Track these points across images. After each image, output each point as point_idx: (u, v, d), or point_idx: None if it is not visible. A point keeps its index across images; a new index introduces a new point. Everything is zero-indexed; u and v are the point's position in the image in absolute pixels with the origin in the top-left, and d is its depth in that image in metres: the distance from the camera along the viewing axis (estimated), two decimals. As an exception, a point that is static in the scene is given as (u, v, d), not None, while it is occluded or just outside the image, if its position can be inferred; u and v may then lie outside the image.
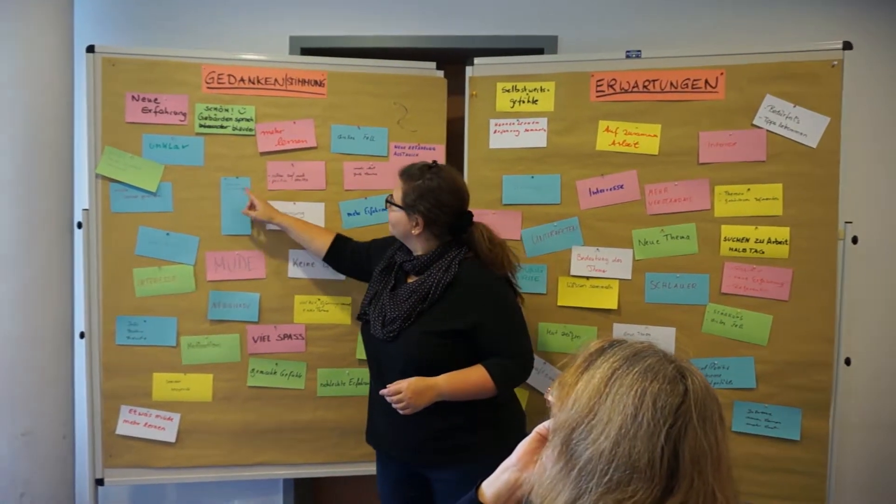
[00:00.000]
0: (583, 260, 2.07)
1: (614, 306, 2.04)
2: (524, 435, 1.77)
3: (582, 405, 0.80)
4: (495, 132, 2.11)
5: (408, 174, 1.73)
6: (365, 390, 2.11)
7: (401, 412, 1.59)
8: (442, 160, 2.14)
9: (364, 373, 2.12)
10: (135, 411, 2.10)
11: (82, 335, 2.07)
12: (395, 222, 1.73)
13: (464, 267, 1.68)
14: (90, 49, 2.03)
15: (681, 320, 2.01)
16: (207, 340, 2.11)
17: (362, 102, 2.14)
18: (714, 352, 1.98)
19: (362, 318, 1.81)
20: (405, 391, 1.57)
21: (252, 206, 2.04)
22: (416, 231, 1.69)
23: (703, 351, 1.98)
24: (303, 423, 2.17)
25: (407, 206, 1.69)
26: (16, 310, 1.98)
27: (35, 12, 1.98)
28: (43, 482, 2.04)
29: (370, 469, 2.17)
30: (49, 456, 2.04)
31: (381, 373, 1.76)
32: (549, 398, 0.89)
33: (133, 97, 2.04)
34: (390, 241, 1.88)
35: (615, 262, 2.06)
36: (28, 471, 2.01)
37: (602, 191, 2.07)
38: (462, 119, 2.16)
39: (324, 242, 2.00)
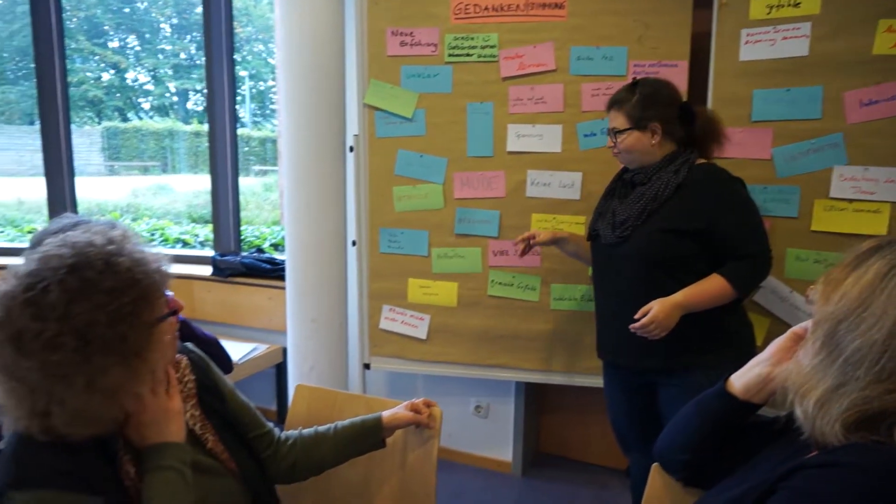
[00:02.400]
0: (846, 181, 1.88)
1: (883, 232, 1.84)
2: (755, 351, 1.75)
3: (851, 299, 0.80)
4: (747, 43, 1.97)
5: (619, 99, 1.75)
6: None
7: (654, 338, 1.63)
8: (685, 77, 2.07)
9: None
10: (394, 310, 2.46)
11: (354, 243, 2.45)
12: (632, 147, 1.74)
13: (693, 170, 1.69)
14: (358, -9, 2.30)
15: (972, 250, 1.74)
16: (454, 252, 2.36)
17: (602, 22, 2.13)
18: None
19: (592, 234, 1.88)
20: (653, 315, 1.60)
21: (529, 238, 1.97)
22: (654, 140, 1.72)
23: None
24: (535, 332, 2.34)
25: (638, 122, 1.71)
26: (305, 219, 2.40)
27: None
28: (325, 361, 2.50)
29: (595, 381, 2.29)
30: (330, 340, 2.49)
31: (612, 280, 1.82)
32: (810, 294, 0.90)
33: (392, 32, 2.28)
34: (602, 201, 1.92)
35: (887, 184, 1.84)
36: (315, 350, 2.48)
37: (876, 102, 1.83)
38: (707, 33, 2.05)
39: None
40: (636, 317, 1.64)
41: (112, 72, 15.26)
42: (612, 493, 2.70)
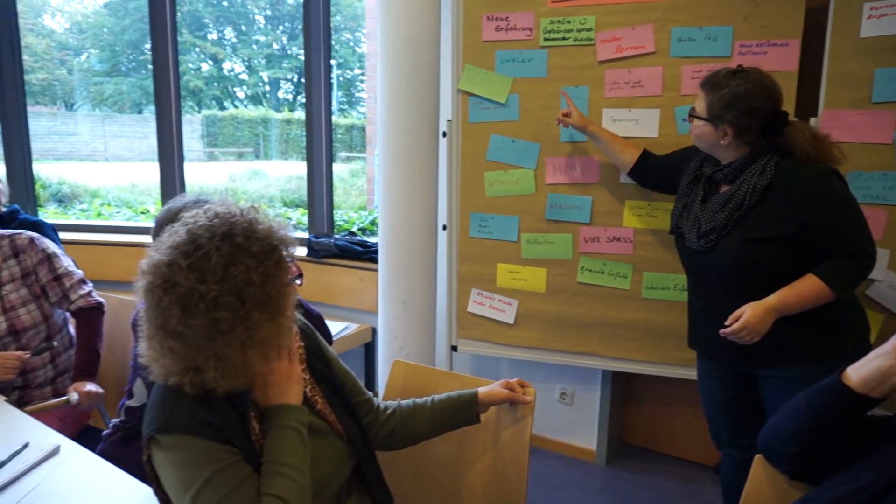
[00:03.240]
0: (980, 167, 1.74)
1: None
2: (868, 343, 1.66)
3: None
4: (870, 17, 1.84)
5: (712, 83, 1.66)
6: (690, 296, 2.15)
7: (745, 343, 1.58)
8: (796, 56, 1.96)
9: (689, 279, 2.16)
10: (482, 294, 2.49)
11: (444, 227, 2.50)
12: (700, 135, 1.69)
13: (781, 168, 1.60)
14: (454, -23, 2.32)
15: None
16: (544, 238, 2.36)
17: (706, 0, 2.05)
18: None
19: (675, 231, 1.83)
20: (745, 321, 1.55)
21: (568, 115, 2.11)
22: (724, 141, 1.64)
23: None
24: (626, 321, 2.30)
25: (713, 117, 1.64)
26: (397, 203, 2.46)
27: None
28: (414, 342, 2.56)
29: (685, 373, 2.24)
30: (419, 321, 2.55)
31: (700, 283, 1.78)
32: None
33: (488, 17, 2.29)
34: (693, 151, 1.84)
35: None
36: (405, 330, 2.55)
37: None
38: (822, 9, 1.93)
39: (631, 156, 2.04)
40: (727, 322, 1.59)
41: (210, 63, 16.13)
42: (698, 488, 2.63)
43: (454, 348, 2.58)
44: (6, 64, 3.49)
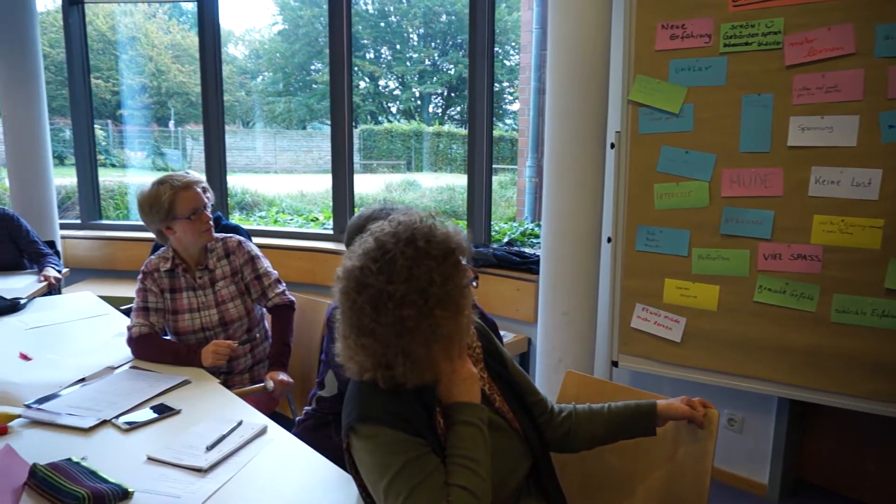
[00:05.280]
0: None
1: None
2: None
3: None
4: None
5: None
6: (891, 323, 1.94)
7: None
8: None
9: (890, 305, 1.95)
10: (647, 310, 2.41)
11: (609, 239, 2.46)
12: None
13: None
14: (626, -15, 2.29)
15: None
16: (717, 253, 2.24)
17: (920, -7, 1.85)
18: None
19: None
20: None
21: None
22: None
23: None
24: (809, 345, 2.12)
25: None
26: (562, 215, 2.47)
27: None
28: (573, 353, 2.54)
29: (879, 408, 2.04)
30: (579, 334, 2.53)
31: None
32: None
33: (662, 26, 2.24)
34: None
35: None
36: (564, 342, 2.54)
37: None
38: None
39: None
40: None
41: (367, 80, 17.20)
42: (896, 540, 2.34)
43: (615, 363, 2.53)
44: (210, 91, 4.00)
